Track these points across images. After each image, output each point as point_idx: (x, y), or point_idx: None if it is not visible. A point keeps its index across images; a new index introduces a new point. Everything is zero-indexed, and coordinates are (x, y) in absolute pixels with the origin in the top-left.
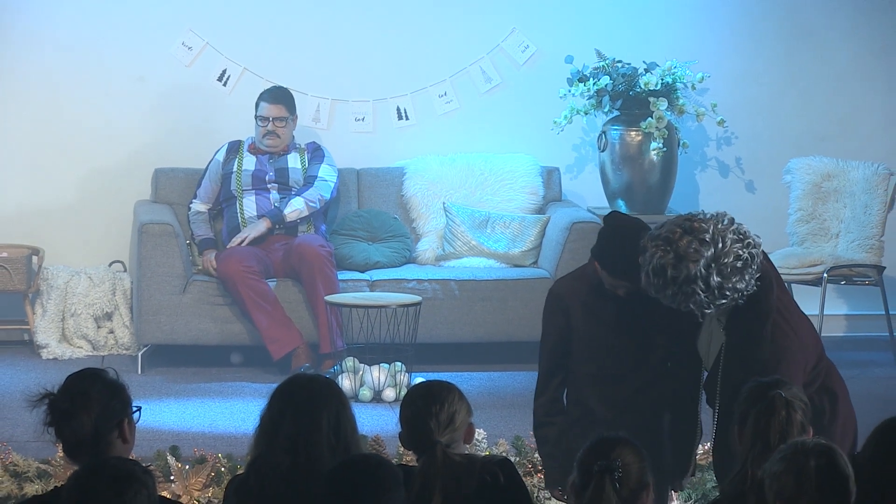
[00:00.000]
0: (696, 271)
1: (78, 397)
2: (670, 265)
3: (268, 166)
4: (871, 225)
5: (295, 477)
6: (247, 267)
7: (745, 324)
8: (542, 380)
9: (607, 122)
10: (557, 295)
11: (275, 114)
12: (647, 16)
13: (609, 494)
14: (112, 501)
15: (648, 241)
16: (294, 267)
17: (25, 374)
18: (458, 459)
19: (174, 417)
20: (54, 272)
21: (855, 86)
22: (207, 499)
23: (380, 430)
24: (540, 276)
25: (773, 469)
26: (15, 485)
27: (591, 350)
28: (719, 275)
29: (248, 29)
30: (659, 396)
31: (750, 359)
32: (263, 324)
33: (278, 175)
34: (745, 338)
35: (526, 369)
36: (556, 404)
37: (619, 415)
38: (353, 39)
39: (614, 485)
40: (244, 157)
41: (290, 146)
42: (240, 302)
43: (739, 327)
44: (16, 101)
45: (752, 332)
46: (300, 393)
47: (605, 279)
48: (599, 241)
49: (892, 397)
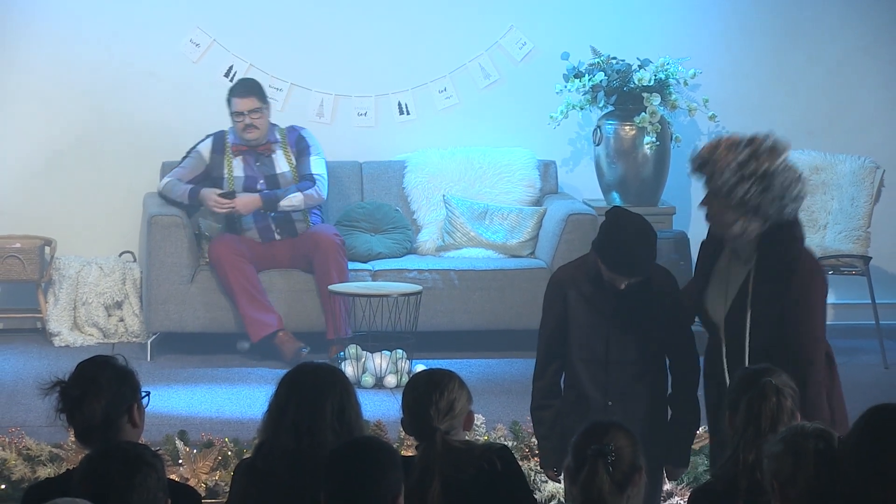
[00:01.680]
0: (775, 165)
1: (88, 384)
2: (749, 159)
3: (257, 171)
4: (857, 216)
5: (300, 460)
6: (237, 251)
7: (779, 249)
8: (539, 364)
9: (602, 117)
10: (558, 282)
11: (249, 107)
12: (641, 14)
13: (602, 477)
14: (122, 484)
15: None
16: (307, 254)
17: (38, 361)
18: (457, 446)
19: (182, 403)
20: (66, 262)
21: (843, 82)
22: (214, 482)
23: (381, 415)
24: (537, 267)
25: (773, 450)
26: (28, 468)
27: (587, 337)
28: (789, 174)
29: (253, 27)
30: (654, 384)
31: (781, 290)
32: (244, 305)
33: (269, 183)
34: (777, 262)
35: (523, 356)
36: (553, 388)
37: (615, 401)
38: (356, 37)
39: (607, 468)
40: (232, 161)
41: (270, 135)
42: (226, 284)
43: (771, 255)
44: (30, 95)
45: (785, 257)
46: (305, 380)
47: (605, 272)
48: (600, 234)
49: (878, 384)
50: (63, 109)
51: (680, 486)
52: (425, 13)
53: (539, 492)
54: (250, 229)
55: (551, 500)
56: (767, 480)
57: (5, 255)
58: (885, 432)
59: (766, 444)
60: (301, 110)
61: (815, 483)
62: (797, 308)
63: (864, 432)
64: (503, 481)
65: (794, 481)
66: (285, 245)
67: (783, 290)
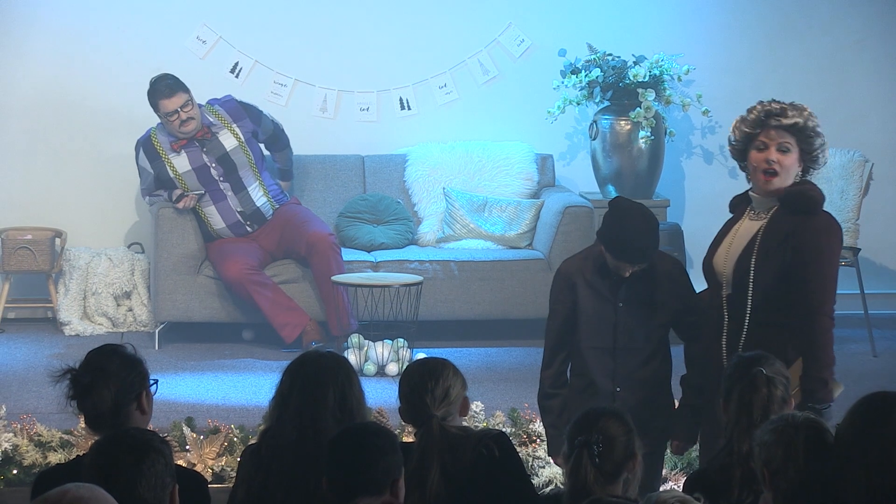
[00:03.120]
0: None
1: (98, 372)
2: (811, 118)
3: (206, 158)
4: (847, 209)
5: (302, 447)
6: (250, 267)
7: (807, 201)
8: (548, 353)
9: (598, 112)
10: (565, 273)
11: (179, 103)
12: (636, 11)
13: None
14: (131, 469)
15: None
16: (302, 254)
17: (49, 350)
18: (453, 432)
19: (189, 390)
20: (76, 253)
21: (833, 78)
22: (221, 467)
23: (383, 402)
24: (535, 258)
25: (764, 439)
26: (39, 454)
27: (595, 325)
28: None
29: (259, 24)
30: (660, 369)
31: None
32: (272, 313)
33: (223, 164)
34: (799, 203)
35: (521, 345)
36: (561, 377)
37: (623, 387)
38: (359, 34)
39: (593, 459)
40: (172, 161)
41: (204, 119)
42: (249, 300)
43: (794, 197)
44: (41, 91)
45: (809, 201)
46: (308, 369)
47: (610, 261)
48: (604, 225)
49: (867, 371)
50: (73, 105)
51: (674, 471)
52: (426, 11)
53: (537, 476)
54: (220, 227)
55: (549, 485)
56: (758, 468)
57: (17, 247)
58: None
59: (757, 433)
60: (305, 105)
61: (806, 471)
62: (811, 254)
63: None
64: (501, 467)
65: (785, 469)
66: (265, 234)
67: (798, 234)
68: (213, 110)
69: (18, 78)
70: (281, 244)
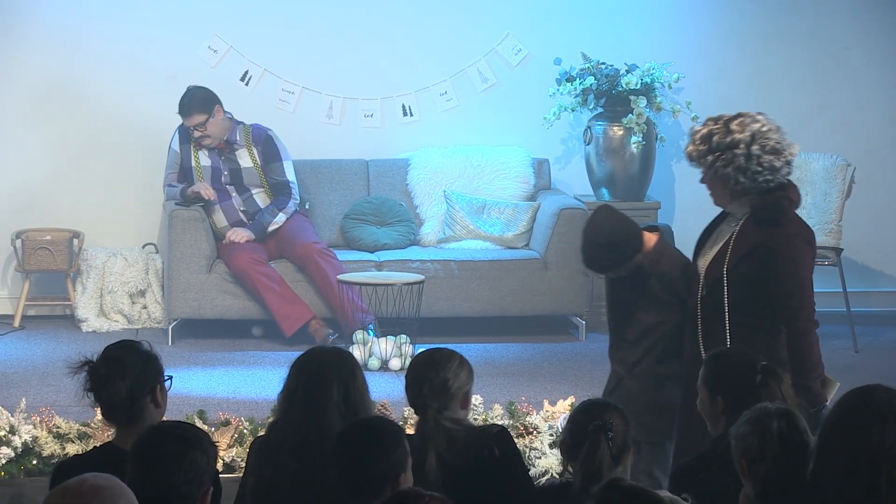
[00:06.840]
0: (740, 139)
1: (114, 365)
2: (717, 133)
3: (221, 164)
4: (829, 211)
5: (308, 439)
6: (256, 257)
7: (770, 211)
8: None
9: (592, 118)
10: None
11: (194, 123)
12: (628, 22)
13: (604, 450)
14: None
15: (706, 121)
16: (295, 263)
17: (67, 346)
18: (447, 424)
19: (201, 385)
20: (93, 253)
21: (817, 84)
22: (231, 457)
23: (386, 395)
24: (531, 257)
25: (739, 431)
26: (58, 445)
27: (609, 316)
28: (759, 147)
29: (268, 34)
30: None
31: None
32: (275, 304)
33: (232, 176)
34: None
35: (519, 341)
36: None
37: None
38: (363, 43)
39: (608, 442)
40: (197, 151)
41: (231, 135)
42: (252, 289)
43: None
44: (60, 98)
45: (774, 209)
46: (312, 365)
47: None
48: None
49: (849, 365)
50: (90, 111)
51: None
52: (427, 22)
53: (533, 467)
54: (223, 226)
55: (545, 475)
56: (736, 461)
57: (37, 247)
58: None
59: (732, 428)
60: (311, 112)
61: (782, 461)
62: (782, 264)
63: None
64: (501, 465)
65: (762, 459)
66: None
67: (765, 244)
68: (247, 128)
69: (38, 85)
70: (277, 244)
